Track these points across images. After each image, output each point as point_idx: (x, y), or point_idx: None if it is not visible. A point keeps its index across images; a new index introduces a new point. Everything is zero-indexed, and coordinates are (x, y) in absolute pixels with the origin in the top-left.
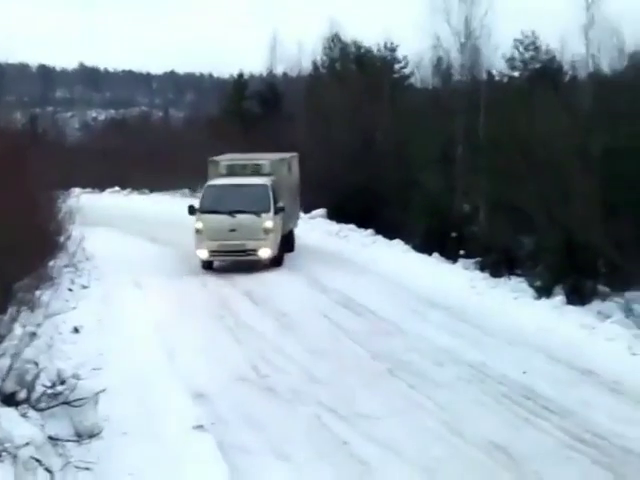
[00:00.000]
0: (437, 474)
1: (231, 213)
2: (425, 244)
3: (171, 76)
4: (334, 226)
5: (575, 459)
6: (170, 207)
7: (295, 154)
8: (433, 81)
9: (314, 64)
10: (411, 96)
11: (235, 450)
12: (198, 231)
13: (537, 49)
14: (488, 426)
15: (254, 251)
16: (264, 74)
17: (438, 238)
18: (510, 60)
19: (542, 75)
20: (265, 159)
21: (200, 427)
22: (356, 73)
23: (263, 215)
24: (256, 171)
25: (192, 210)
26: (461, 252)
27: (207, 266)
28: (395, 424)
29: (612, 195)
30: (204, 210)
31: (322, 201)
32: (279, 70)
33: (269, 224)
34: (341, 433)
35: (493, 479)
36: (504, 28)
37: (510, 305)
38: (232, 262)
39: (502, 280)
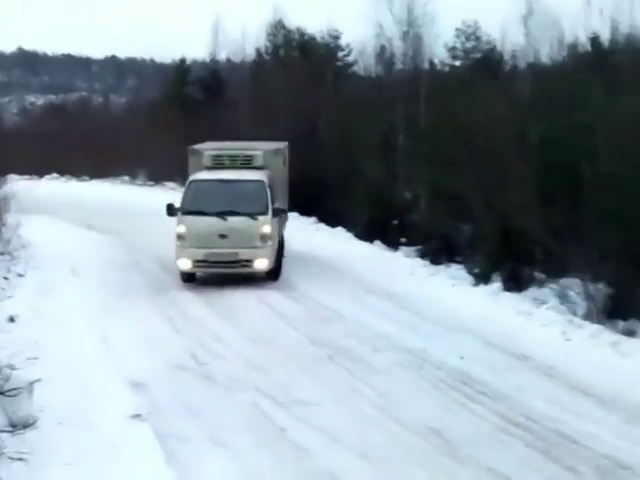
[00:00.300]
0: (375, 459)
1: (221, 215)
2: (367, 232)
3: (112, 61)
4: None
5: (509, 443)
6: (111, 194)
7: (286, 144)
8: (376, 69)
9: (257, 51)
10: (354, 84)
11: (173, 438)
12: (180, 237)
13: (478, 39)
14: (426, 411)
15: (249, 262)
16: (207, 60)
17: (380, 226)
18: (452, 49)
19: (483, 65)
20: (257, 149)
21: (138, 416)
22: (300, 60)
23: (260, 218)
24: (247, 163)
25: (171, 210)
26: (402, 240)
27: (188, 279)
28: (333, 410)
29: (548, 183)
30: (187, 211)
31: None
32: (222, 56)
33: (267, 229)
34: (279, 420)
35: (430, 464)
36: (446, 17)
37: (449, 292)
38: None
39: (442, 267)
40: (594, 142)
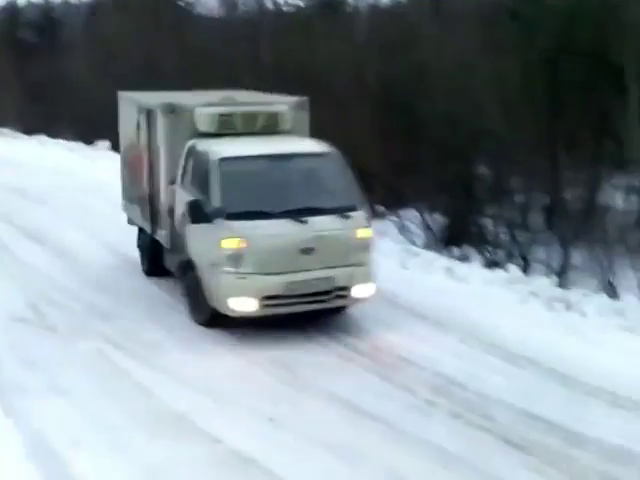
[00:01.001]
0: (221, 396)
1: (295, 215)
2: None
3: None
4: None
5: (350, 369)
6: None
7: (305, 99)
8: (219, 11)
9: None
10: (198, 26)
11: (11, 390)
12: (231, 258)
13: None
14: (272, 346)
15: (344, 290)
16: (41, 0)
17: None
18: None
19: (326, 6)
20: (279, 102)
21: None
22: (139, 0)
23: (354, 215)
24: (271, 125)
25: (200, 213)
26: None
27: (215, 322)
28: (179, 353)
29: (387, 120)
30: (235, 213)
31: (106, 133)
32: None
33: (368, 232)
34: (124, 364)
35: (274, 394)
36: None
37: None
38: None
39: None
40: (428, 81)
